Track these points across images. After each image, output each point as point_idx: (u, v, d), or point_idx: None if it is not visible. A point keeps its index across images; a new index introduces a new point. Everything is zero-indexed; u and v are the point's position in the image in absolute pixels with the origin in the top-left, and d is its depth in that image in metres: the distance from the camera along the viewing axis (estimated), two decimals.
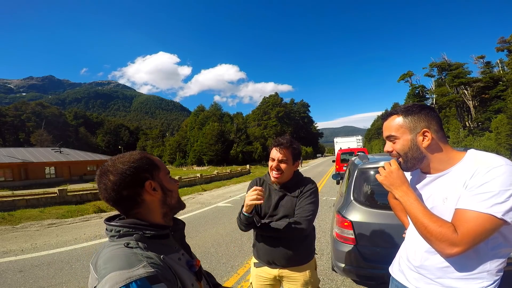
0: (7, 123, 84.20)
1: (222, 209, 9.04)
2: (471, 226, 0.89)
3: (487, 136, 31.20)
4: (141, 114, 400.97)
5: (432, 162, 1.09)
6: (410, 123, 1.09)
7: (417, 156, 1.08)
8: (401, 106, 1.16)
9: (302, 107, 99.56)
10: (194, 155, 61.90)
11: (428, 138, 1.05)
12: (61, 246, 5.36)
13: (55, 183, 26.73)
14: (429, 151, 1.07)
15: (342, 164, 13.68)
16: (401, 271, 1.24)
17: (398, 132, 1.11)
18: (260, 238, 1.80)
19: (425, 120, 1.07)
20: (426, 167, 1.12)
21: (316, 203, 1.71)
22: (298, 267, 1.74)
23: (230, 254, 4.55)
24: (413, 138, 1.08)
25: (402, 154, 1.11)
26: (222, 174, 22.22)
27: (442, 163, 1.07)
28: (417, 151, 1.08)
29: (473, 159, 1.01)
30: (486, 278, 0.98)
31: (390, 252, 1.29)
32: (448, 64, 45.28)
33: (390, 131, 1.13)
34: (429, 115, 1.08)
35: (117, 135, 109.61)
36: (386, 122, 1.17)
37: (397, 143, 1.12)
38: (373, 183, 2.89)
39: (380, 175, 1.17)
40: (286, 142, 1.69)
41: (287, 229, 1.61)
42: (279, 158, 1.67)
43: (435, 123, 1.07)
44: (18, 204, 9.60)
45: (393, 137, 1.12)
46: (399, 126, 1.11)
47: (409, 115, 1.09)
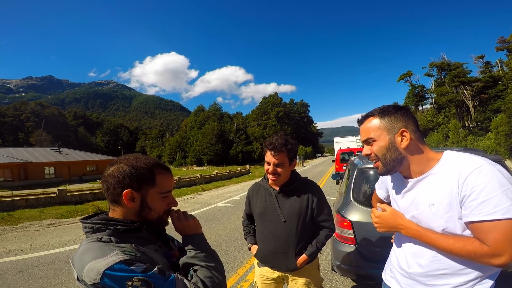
0: (7, 123, 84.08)
1: (221, 209, 9.03)
2: (498, 235, 0.86)
3: (487, 136, 31.23)
4: (141, 114, 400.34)
5: (411, 164, 1.06)
6: (388, 123, 1.06)
7: (396, 158, 1.05)
8: (376, 108, 1.14)
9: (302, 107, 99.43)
10: (193, 155, 61.83)
11: (407, 138, 1.03)
12: (61, 246, 5.36)
13: (54, 183, 26.64)
14: (408, 152, 1.05)
15: (341, 164, 13.66)
16: (393, 277, 1.22)
17: (376, 134, 1.08)
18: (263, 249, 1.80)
19: (402, 120, 1.05)
20: (406, 170, 1.09)
21: (329, 205, 1.82)
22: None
23: (230, 254, 4.55)
24: (391, 139, 1.05)
25: (380, 156, 1.08)
26: (222, 174, 22.19)
27: (421, 165, 1.05)
28: (395, 152, 1.05)
29: (452, 162, 0.99)
30: (483, 279, 0.97)
31: (389, 252, 1.28)
32: (447, 64, 45.26)
33: (367, 133, 1.10)
34: (405, 115, 1.06)
35: (117, 135, 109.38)
36: (363, 125, 1.14)
37: (374, 145, 1.09)
38: (373, 183, 2.89)
39: (374, 223, 1.16)
40: (280, 146, 1.59)
41: (326, 239, 1.78)
42: (274, 162, 1.62)
43: (412, 123, 1.06)
44: (18, 204, 9.58)
45: (371, 139, 1.09)
46: (376, 128, 1.08)
47: (386, 116, 1.07)
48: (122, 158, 0.89)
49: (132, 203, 0.85)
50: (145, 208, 0.87)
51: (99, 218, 0.86)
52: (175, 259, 0.92)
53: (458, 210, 0.94)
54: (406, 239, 1.12)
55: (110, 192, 0.85)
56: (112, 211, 0.88)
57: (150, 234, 0.90)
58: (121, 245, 0.78)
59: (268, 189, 1.78)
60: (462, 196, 0.92)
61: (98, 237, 0.79)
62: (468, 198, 0.90)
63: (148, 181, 0.86)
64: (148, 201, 0.87)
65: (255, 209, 1.83)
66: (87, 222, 0.84)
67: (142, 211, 0.87)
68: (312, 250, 1.70)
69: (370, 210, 2.58)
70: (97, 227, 0.82)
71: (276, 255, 1.72)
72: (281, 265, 1.73)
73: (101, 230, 0.82)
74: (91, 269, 0.71)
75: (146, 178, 0.86)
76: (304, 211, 1.69)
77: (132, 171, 0.84)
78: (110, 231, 0.81)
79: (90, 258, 0.73)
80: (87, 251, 0.76)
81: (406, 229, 1.05)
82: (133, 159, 0.88)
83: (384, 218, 1.11)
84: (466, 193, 0.91)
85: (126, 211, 0.87)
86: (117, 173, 0.84)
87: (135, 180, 0.84)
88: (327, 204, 1.78)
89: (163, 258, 0.87)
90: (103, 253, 0.73)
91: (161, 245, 0.92)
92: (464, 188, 0.91)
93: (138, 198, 0.86)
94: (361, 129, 1.15)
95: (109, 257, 0.72)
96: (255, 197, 1.85)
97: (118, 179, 0.84)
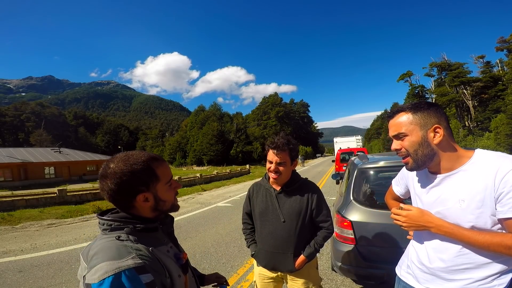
0: (7, 123, 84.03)
1: (221, 209, 9.03)
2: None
3: (486, 136, 31.22)
4: (141, 114, 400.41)
5: (442, 160, 1.06)
6: (421, 119, 1.06)
7: (428, 153, 1.05)
8: (407, 103, 1.12)
9: (302, 107, 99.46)
10: (194, 155, 61.81)
11: (440, 135, 1.03)
12: (61, 246, 5.35)
13: (54, 183, 26.66)
14: (440, 148, 1.05)
15: (341, 164, 13.67)
16: (410, 273, 1.22)
17: (408, 128, 1.07)
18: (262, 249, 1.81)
19: (435, 117, 1.05)
20: (436, 165, 1.09)
21: (327, 206, 1.82)
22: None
23: (230, 254, 4.55)
24: (424, 135, 1.05)
25: (411, 151, 1.07)
26: (222, 174, 22.19)
27: (451, 161, 1.05)
28: (428, 148, 1.05)
29: (486, 160, 0.99)
30: (503, 274, 0.98)
31: (389, 252, 1.29)
32: (448, 64, 45.27)
33: (398, 128, 1.10)
34: (438, 111, 1.06)
35: (117, 135, 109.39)
36: (393, 119, 1.13)
37: (406, 140, 1.08)
38: (373, 183, 2.89)
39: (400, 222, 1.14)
40: (282, 145, 1.64)
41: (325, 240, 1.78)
42: (277, 161, 1.65)
43: (444, 120, 1.06)
44: (18, 204, 9.58)
45: (402, 134, 1.09)
46: (409, 123, 1.07)
47: (419, 112, 1.07)
48: (115, 167, 0.82)
49: (146, 203, 0.86)
50: (160, 202, 0.88)
51: (118, 216, 0.85)
52: (184, 261, 0.93)
53: (491, 207, 0.95)
54: (427, 235, 1.13)
55: (121, 204, 0.85)
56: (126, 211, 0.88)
57: (164, 234, 0.92)
58: (138, 247, 0.77)
59: (268, 189, 1.79)
60: (499, 193, 0.92)
61: (116, 236, 0.78)
62: (506, 196, 0.91)
63: (153, 178, 0.86)
64: (160, 195, 0.88)
65: (255, 208, 1.84)
66: (106, 219, 0.83)
67: (157, 205, 0.88)
68: (310, 251, 1.71)
69: (371, 210, 2.60)
70: (116, 225, 0.81)
71: (275, 256, 1.73)
72: (279, 267, 1.74)
73: (120, 228, 0.81)
74: (100, 268, 0.69)
75: (150, 177, 0.85)
76: (303, 211, 1.70)
77: (132, 177, 0.82)
78: (129, 229, 0.81)
79: (106, 257, 0.71)
80: (104, 250, 0.74)
81: (437, 227, 1.05)
82: (127, 164, 0.83)
83: (412, 217, 1.10)
84: (504, 190, 0.91)
85: (142, 211, 0.87)
86: (119, 185, 0.81)
87: (141, 184, 0.83)
88: (326, 205, 1.79)
89: (173, 260, 0.88)
90: (120, 254, 0.72)
91: (172, 246, 0.93)
92: (502, 185, 0.92)
93: (151, 197, 0.86)
94: (390, 124, 1.14)
95: (124, 260, 0.71)
96: (256, 197, 1.86)
97: (125, 191, 0.82)
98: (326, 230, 1.76)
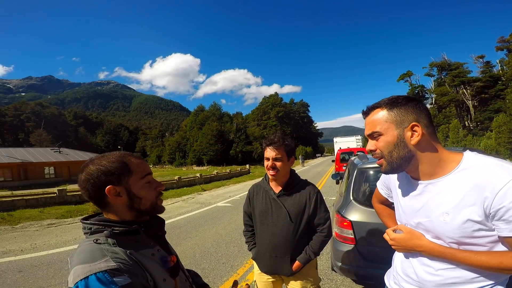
0: (7, 123, 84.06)
1: (221, 209, 9.03)
2: None
3: (487, 136, 31.18)
4: (141, 114, 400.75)
5: (421, 163, 0.95)
6: (396, 116, 0.94)
7: (404, 155, 0.94)
8: (384, 98, 1.00)
9: (302, 107, 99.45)
10: (193, 155, 61.87)
11: (418, 134, 0.91)
12: (61, 246, 5.35)
13: (54, 183, 26.64)
14: (419, 149, 0.93)
15: (341, 164, 13.68)
16: (397, 284, 1.16)
17: (383, 127, 0.96)
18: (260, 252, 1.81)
19: (413, 113, 0.93)
20: (415, 170, 0.97)
21: (327, 209, 1.81)
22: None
23: (230, 254, 4.55)
24: (400, 134, 0.93)
25: (386, 153, 0.96)
26: (222, 174, 22.18)
27: (433, 165, 0.94)
28: (404, 149, 0.93)
29: (477, 168, 0.87)
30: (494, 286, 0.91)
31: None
32: (448, 63, 45.32)
33: (373, 127, 0.98)
34: (417, 107, 0.94)
35: (117, 135, 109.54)
36: (368, 117, 1.01)
37: (380, 141, 0.97)
38: (373, 183, 2.89)
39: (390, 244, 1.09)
40: (278, 140, 1.68)
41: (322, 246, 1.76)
42: (273, 156, 1.68)
43: (424, 117, 0.93)
44: (18, 204, 9.58)
45: (377, 134, 0.97)
46: (384, 121, 0.96)
47: (395, 108, 0.95)
48: (88, 162, 0.85)
49: (119, 197, 0.83)
50: (135, 199, 0.86)
51: (97, 219, 0.84)
52: (173, 264, 0.91)
53: (480, 224, 0.85)
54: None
55: (93, 196, 0.83)
56: (106, 215, 0.87)
57: (149, 237, 0.89)
58: (114, 250, 0.77)
59: (268, 191, 1.80)
60: (496, 209, 0.81)
61: (94, 239, 0.78)
62: (507, 212, 0.80)
63: (124, 171, 0.84)
64: (134, 191, 0.85)
65: (255, 209, 1.85)
66: (86, 223, 0.83)
67: (132, 202, 0.86)
68: (305, 258, 1.71)
69: (370, 210, 2.60)
70: (95, 228, 0.81)
71: (273, 260, 1.74)
72: (278, 270, 1.76)
73: (99, 231, 0.81)
74: (74, 272, 0.70)
75: (120, 169, 0.84)
76: (301, 214, 1.71)
77: (102, 168, 0.82)
78: (108, 232, 0.80)
79: (79, 261, 0.72)
80: (80, 253, 0.75)
81: (429, 251, 0.95)
82: (99, 158, 0.86)
83: (400, 240, 1.02)
84: (503, 206, 0.80)
85: (118, 210, 0.85)
86: (89, 176, 0.82)
87: (110, 175, 0.82)
88: (324, 209, 1.78)
89: (158, 264, 0.86)
90: (93, 257, 0.72)
91: (159, 249, 0.90)
92: (500, 201, 0.80)
93: (123, 191, 0.84)
94: (366, 122, 1.02)
95: (97, 263, 0.71)
96: (255, 198, 1.87)
97: (93, 181, 0.81)
98: (320, 233, 1.74)
